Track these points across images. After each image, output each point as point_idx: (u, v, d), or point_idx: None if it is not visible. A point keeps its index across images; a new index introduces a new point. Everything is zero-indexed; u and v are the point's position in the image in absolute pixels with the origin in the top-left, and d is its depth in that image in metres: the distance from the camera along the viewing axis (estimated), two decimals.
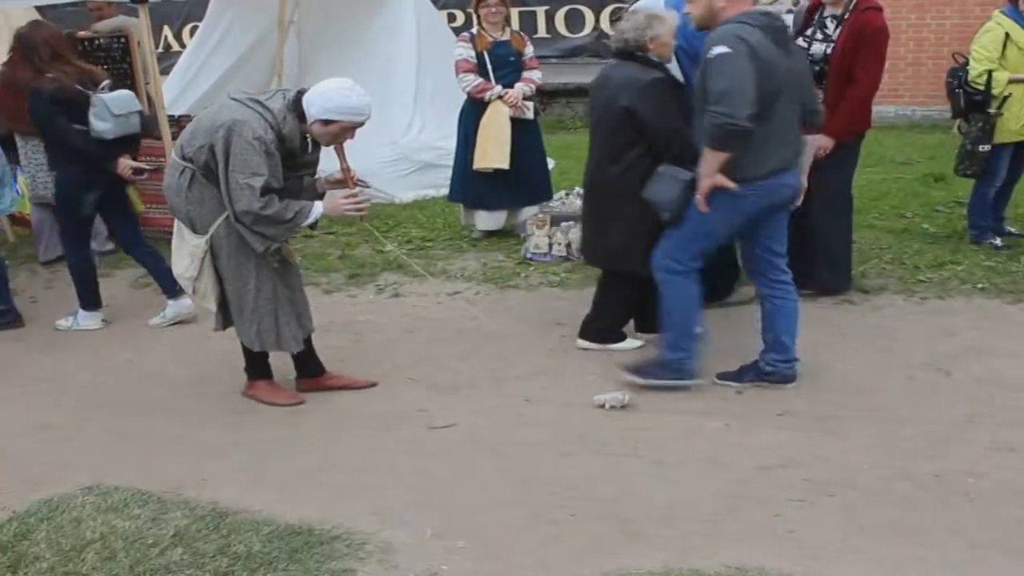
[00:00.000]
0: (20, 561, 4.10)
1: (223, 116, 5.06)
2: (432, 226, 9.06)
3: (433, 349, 6.34)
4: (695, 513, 4.29)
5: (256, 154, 4.97)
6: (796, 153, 5.27)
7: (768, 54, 4.91)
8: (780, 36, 5.04)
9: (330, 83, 5.19)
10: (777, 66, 4.95)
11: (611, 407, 5.35)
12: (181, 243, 5.40)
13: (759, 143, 4.96)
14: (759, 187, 5.11)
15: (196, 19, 13.91)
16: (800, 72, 5.24)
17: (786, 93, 5.04)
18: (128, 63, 9.26)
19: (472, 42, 8.30)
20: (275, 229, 5.14)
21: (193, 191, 5.23)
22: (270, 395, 5.66)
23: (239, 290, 5.36)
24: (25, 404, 5.83)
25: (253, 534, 4.22)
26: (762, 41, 4.91)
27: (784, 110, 5.07)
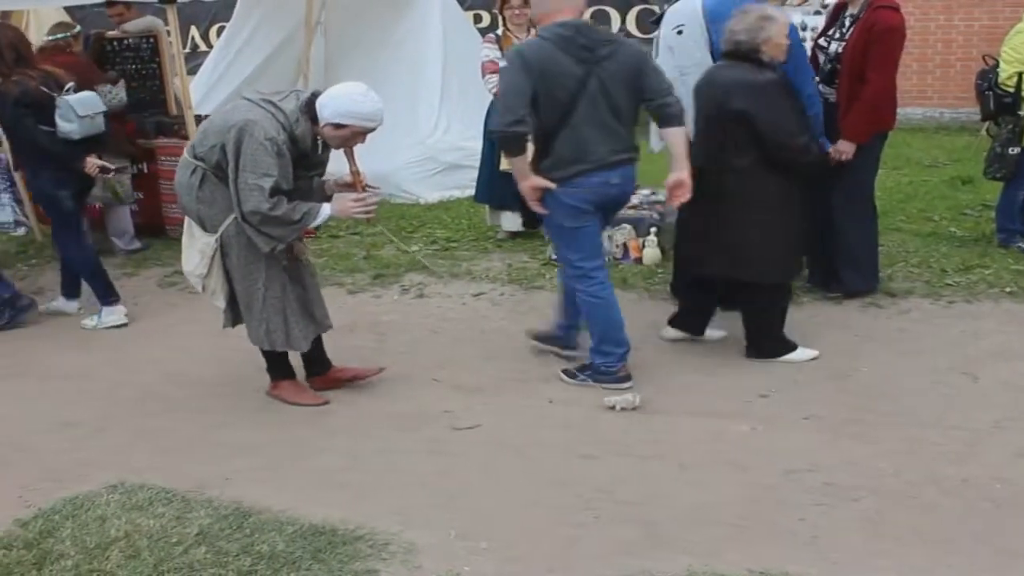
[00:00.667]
0: (45, 558, 4.11)
1: (236, 116, 5.10)
2: (457, 227, 9.07)
3: (457, 350, 6.34)
4: (719, 516, 4.27)
5: (267, 155, 4.99)
6: (614, 152, 5.39)
7: (554, 64, 5.20)
8: (572, 45, 5.24)
9: (344, 87, 5.22)
10: (566, 74, 5.22)
11: (621, 408, 5.35)
12: (191, 241, 5.44)
13: (567, 145, 5.30)
14: (576, 184, 5.33)
15: (223, 19, 13.96)
16: (611, 73, 5.30)
17: (588, 97, 5.26)
18: (156, 63, 9.33)
19: (498, 43, 8.28)
20: (282, 230, 5.16)
21: (204, 190, 5.26)
22: (295, 395, 5.66)
23: (248, 289, 5.38)
24: (51, 401, 5.86)
25: (276, 533, 4.23)
26: (550, 54, 5.22)
27: (590, 112, 5.28)
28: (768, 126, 5.50)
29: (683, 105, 5.46)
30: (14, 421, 5.60)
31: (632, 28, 15.25)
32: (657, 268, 7.50)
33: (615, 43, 5.42)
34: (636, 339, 6.25)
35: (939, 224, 8.50)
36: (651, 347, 6.18)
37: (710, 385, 5.65)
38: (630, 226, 7.79)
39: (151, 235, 9.00)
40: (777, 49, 5.63)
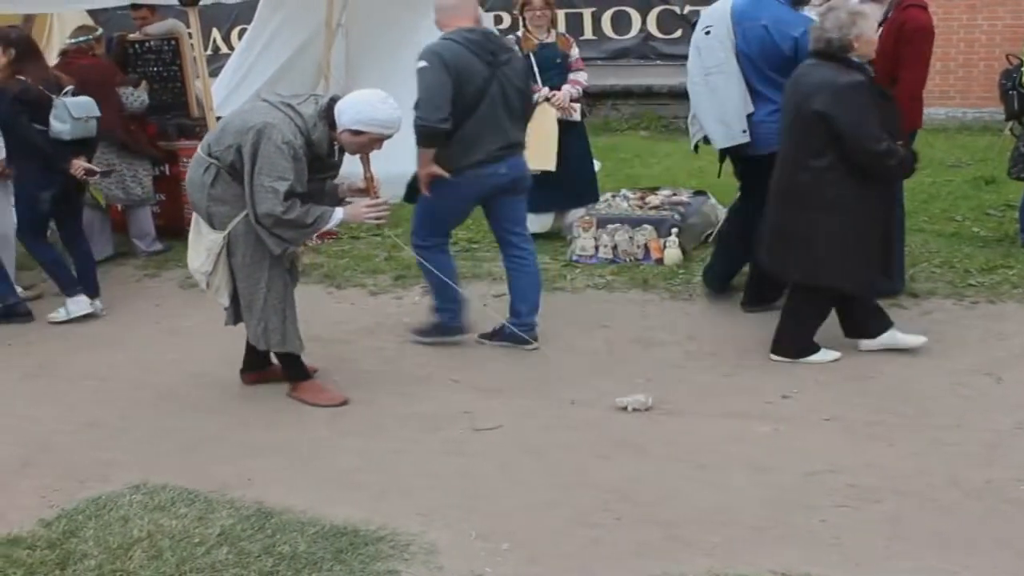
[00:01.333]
0: (68, 558, 4.14)
1: (254, 118, 5.15)
2: (478, 228, 9.02)
3: (477, 351, 6.34)
4: (740, 518, 4.26)
5: (284, 158, 5.04)
6: (508, 145, 5.96)
7: (467, 65, 5.77)
8: (481, 49, 5.84)
9: (363, 94, 5.30)
10: (476, 74, 5.80)
11: (633, 409, 5.35)
12: (198, 238, 5.51)
13: (466, 138, 5.85)
14: (468, 175, 5.92)
15: (245, 21, 14.00)
16: (509, 77, 5.97)
17: (490, 97, 5.85)
18: (178, 65, 9.37)
19: (518, 44, 8.29)
20: (294, 233, 5.24)
21: (216, 187, 5.32)
22: (315, 396, 5.68)
23: (251, 288, 5.44)
24: (73, 402, 5.89)
25: (298, 534, 4.25)
26: (461, 54, 5.78)
27: (489, 111, 5.87)
28: (848, 128, 5.39)
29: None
30: (38, 421, 5.63)
31: (653, 29, 15.24)
32: (678, 268, 7.49)
33: (511, 51, 6.21)
34: (658, 340, 6.28)
35: (962, 224, 8.46)
36: (672, 348, 6.17)
37: (731, 386, 5.64)
38: (651, 227, 7.78)
39: (172, 237, 9.01)
40: (869, 46, 5.54)
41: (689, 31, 14.92)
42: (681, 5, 15.01)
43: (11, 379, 6.30)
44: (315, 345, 6.45)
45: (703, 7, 14.73)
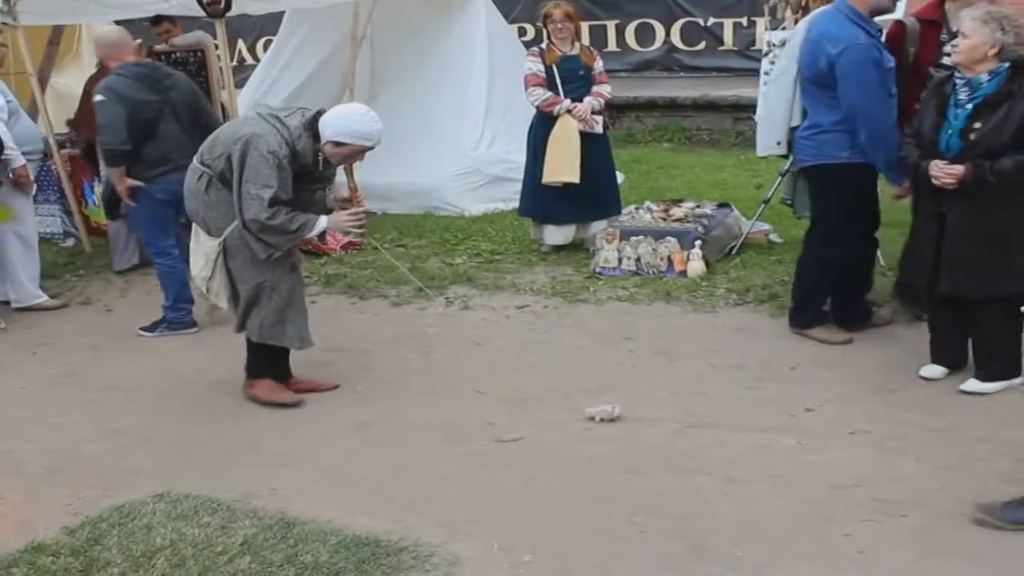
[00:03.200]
0: (92, 566, 4.16)
1: (244, 129, 5.40)
2: (501, 239, 9.07)
3: (502, 362, 6.34)
4: (765, 531, 4.24)
5: (268, 167, 5.25)
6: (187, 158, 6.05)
7: (138, 95, 6.82)
8: (148, 79, 6.94)
9: (346, 107, 5.61)
10: (148, 102, 6.85)
11: (600, 419, 5.37)
12: (198, 245, 5.70)
13: (150, 154, 6.90)
14: (159, 182, 6.90)
15: (270, 33, 14.06)
16: (176, 98, 7.03)
17: (164, 121, 6.92)
18: (204, 76, 9.40)
19: (541, 56, 8.31)
20: (279, 238, 5.43)
21: (210, 195, 5.51)
22: (271, 394, 5.81)
23: (255, 288, 5.60)
24: (99, 410, 5.91)
25: (320, 544, 4.25)
26: (131, 86, 6.82)
27: (166, 132, 6.92)
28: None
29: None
30: (64, 429, 5.66)
31: (676, 41, 15.24)
32: (701, 281, 7.46)
33: (173, 75, 7.20)
34: (681, 353, 6.26)
35: None
36: (695, 361, 6.15)
37: (755, 399, 5.61)
38: (675, 239, 7.76)
39: None
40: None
41: (713, 43, 15.04)
42: (705, 17, 15.02)
43: (38, 387, 6.34)
44: (338, 355, 6.49)
45: (726, 19, 14.88)
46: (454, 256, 8.57)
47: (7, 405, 6.04)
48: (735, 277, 7.51)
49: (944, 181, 5.32)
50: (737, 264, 7.82)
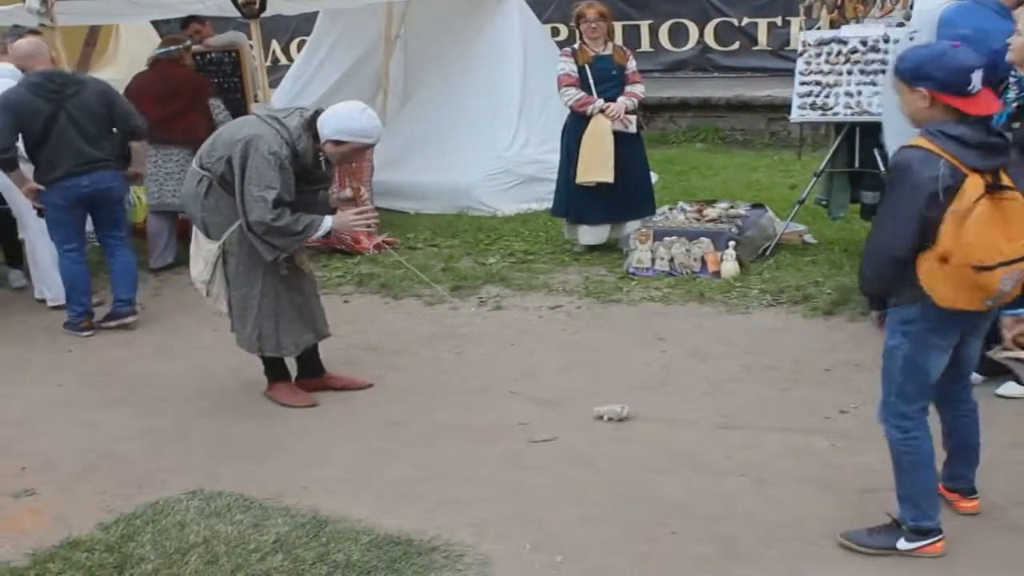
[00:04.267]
0: (126, 562, 4.19)
1: (243, 131, 5.38)
2: (534, 239, 9.06)
3: (534, 362, 6.34)
4: (798, 534, 4.21)
5: (271, 168, 5.23)
6: (83, 163, 7.05)
7: (26, 103, 6.97)
8: (41, 89, 7.01)
9: (343, 106, 5.51)
10: (40, 111, 6.97)
11: (608, 419, 5.38)
12: (197, 248, 5.71)
13: (45, 160, 7.07)
14: (56, 186, 7.08)
15: (304, 33, 14.13)
16: (77, 107, 7.07)
17: (58, 125, 6.99)
18: (239, 76, 9.47)
19: (574, 56, 8.30)
20: (285, 240, 5.40)
21: (209, 199, 5.51)
22: (287, 397, 5.85)
23: (244, 296, 5.62)
24: (134, 408, 5.95)
25: (352, 543, 4.26)
26: (25, 96, 6.99)
27: (59, 136, 7.00)
28: None
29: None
30: (99, 427, 5.70)
31: (710, 41, 15.18)
32: (735, 282, 7.43)
33: (81, 84, 7.24)
34: (715, 354, 6.23)
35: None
36: (729, 362, 6.12)
37: (788, 400, 5.58)
38: (708, 239, 7.74)
39: None
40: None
41: (747, 43, 14.97)
42: (739, 17, 14.95)
43: (73, 385, 6.39)
44: (372, 355, 6.50)
45: (760, 19, 14.81)
46: (487, 256, 8.57)
47: (43, 403, 6.10)
48: (769, 278, 7.47)
49: None
50: (771, 265, 7.78)
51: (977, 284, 3.64)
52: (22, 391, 6.26)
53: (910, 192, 3.64)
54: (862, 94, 7.73)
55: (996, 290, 3.61)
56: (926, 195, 3.62)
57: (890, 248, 3.74)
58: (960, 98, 3.70)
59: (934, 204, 3.62)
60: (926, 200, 3.62)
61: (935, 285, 3.70)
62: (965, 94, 3.70)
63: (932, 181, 3.61)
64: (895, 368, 3.96)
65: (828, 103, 7.85)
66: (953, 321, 3.83)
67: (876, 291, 4.00)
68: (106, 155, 7.24)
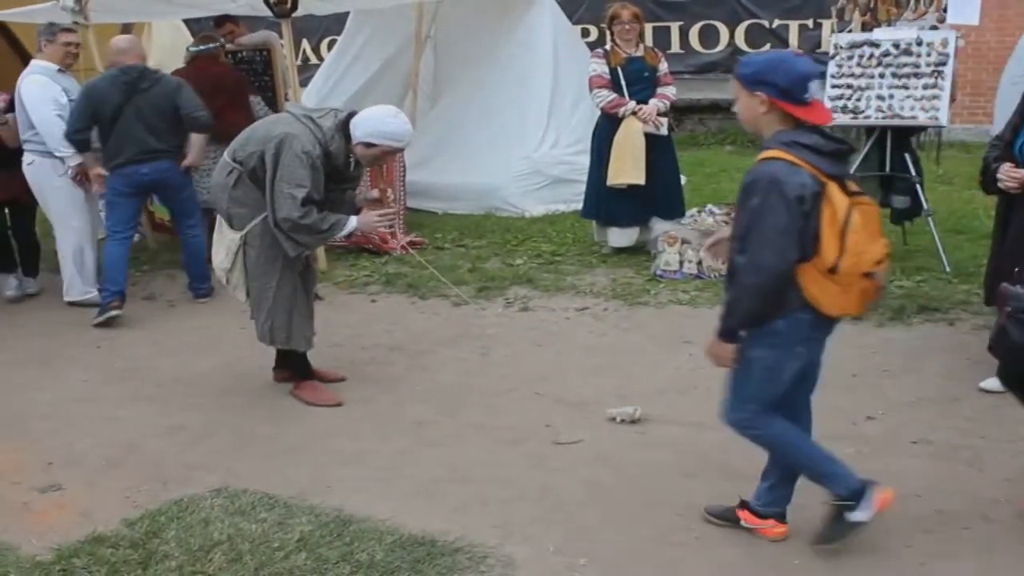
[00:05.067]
0: (150, 558, 4.20)
1: (278, 128, 5.48)
2: (562, 241, 9.06)
3: (560, 364, 6.32)
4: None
5: (302, 167, 5.32)
6: (144, 152, 7.51)
7: (105, 94, 7.47)
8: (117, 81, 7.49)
9: (377, 109, 5.60)
10: (110, 101, 7.42)
11: (621, 420, 5.40)
12: (220, 237, 5.81)
13: (112, 146, 7.53)
14: (119, 172, 7.56)
15: (334, 33, 14.16)
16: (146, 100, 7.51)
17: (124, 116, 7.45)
18: (270, 75, 9.50)
19: (606, 58, 8.29)
20: (310, 237, 5.52)
21: (237, 190, 5.60)
22: (312, 396, 5.91)
23: (261, 287, 5.71)
24: (161, 405, 5.98)
25: (376, 543, 4.26)
26: (101, 86, 7.54)
27: (124, 126, 7.46)
28: None
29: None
30: (126, 423, 5.72)
31: (741, 43, 15.12)
32: None
33: (155, 80, 7.62)
34: None
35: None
36: None
37: (815, 406, 5.50)
38: None
39: None
40: None
41: (778, 45, 14.90)
42: (770, 19, 14.89)
43: (101, 381, 6.42)
44: (398, 355, 6.51)
45: (792, 21, 14.73)
46: (514, 257, 8.57)
47: (70, 398, 6.13)
48: None
49: (1007, 184, 5.23)
50: None
51: (865, 289, 3.78)
52: (49, 386, 6.30)
53: (783, 205, 3.67)
54: (894, 97, 7.69)
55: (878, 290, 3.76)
56: (798, 206, 3.66)
57: (776, 266, 3.73)
58: (797, 106, 3.76)
59: (806, 214, 3.68)
60: (799, 211, 3.66)
61: (824, 296, 3.78)
62: (801, 102, 3.75)
63: (801, 189, 3.66)
64: (752, 376, 3.99)
65: (859, 106, 7.82)
66: (823, 330, 3.94)
67: (755, 318, 3.90)
68: (167, 147, 7.67)
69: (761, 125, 3.87)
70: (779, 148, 3.74)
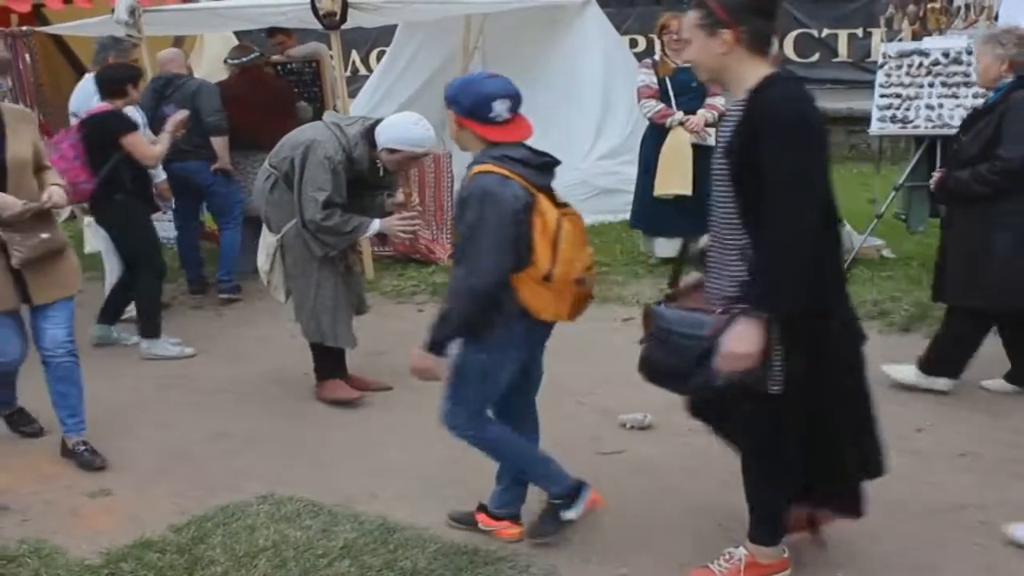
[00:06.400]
0: (196, 564, 4.25)
1: (305, 135, 5.73)
2: (609, 251, 9.05)
3: (605, 374, 6.31)
4: (866, 551, 4.16)
5: (324, 172, 5.56)
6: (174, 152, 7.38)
7: (144, 100, 7.56)
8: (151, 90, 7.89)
9: (399, 116, 5.82)
10: (147, 107, 7.69)
11: (631, 427, 5.47)
12: (263, 240, 6.03)
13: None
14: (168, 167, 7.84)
15: (383, 44, 14.25)
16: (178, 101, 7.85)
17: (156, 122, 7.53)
18: (319, 86, 9.57)
19: (654, 68, 8.28)
20: (335, 238, 5.76)
21: (273, 194, 5.83)
22: (332, 392, 6.12)
23: (302, 287, 5.93)
24: (208, 412, 6.05)
25: (419, 551, 4.28)
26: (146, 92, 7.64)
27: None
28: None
29: None
30: (175, 430, 5.80)
31: (790, 52, 15.05)
32: None
33: (179, 85, 8.06)
34: None
35: None
36: None
37: None
38: None
39: None
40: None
41: (827, 54, 14.82)
42: (819, 28, 14.81)
43: (150, 389, 6.50)
44: None
45: (841, 30, 14.65)
46: None
47: (120, 405, 6.21)
48: None
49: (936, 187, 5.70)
50: (848, 280, 7.66)
51: (576, 296, 4.07)
52: (100, 394, 6.34)
53: (499, 216, 3.84)
54: (943, 107, 7.63)
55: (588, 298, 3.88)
56: (512, 217, 3.82)
57: (493, 276, 3.89)
58: (482, 125, 3.97)
59: (519, 224, 3.85)
60: (513, 222, 3.82)
61: (539, 303, 3.99)
62: (487, 121, 3.96)
63: (515, 200, 3.84)
64: (468, 381, 4.12)
65: (908, 116, 7.77)
66: (538, 335, 4.18)
67: (470, 327, 4.03)
68: (191, 146, 7.94)
69: (462, 142, 4.14)
70: (490, 162, 3.93)
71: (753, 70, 3.53)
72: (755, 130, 3.42)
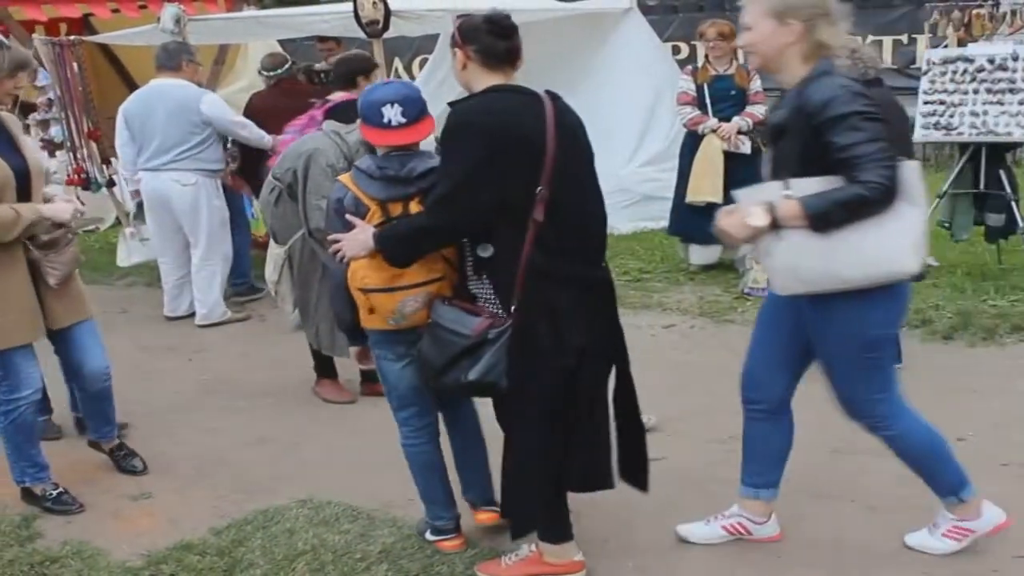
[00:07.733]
0: (236, 566, 4.29)
1: (307, 145, 5.72)
2: (650, 258, 9.04)
3: (644, 381, 6.24)
4: (910, 565, 4.13)
5: (327, 180, 5.48)
6: None
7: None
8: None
9: None
10: None
11: None
12: (271, 252, 6.07)
13: None
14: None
15: (426, 52, 14.31)
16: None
17: None
18: None
19: (693, 75, 8.28)
20: None
21: (279, 206, 5.85)
22: (328, 393, 6.35)
23: (304, 296, 6.00)
24: (249, 417, 6.09)
25: (456, 556, 4.29)
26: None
27: None
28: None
29: None
30: (215, 435, 5.85)
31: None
32: None
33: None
34: None
35: None
36: None
37: None
38: None
39: None
40: None
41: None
42: (864, 35, 14.69)
43: (191, 393, 6.57)
44: None
45: (886, 36, 14.54)
46: None
47: (162, 409, 6.27)
48: None
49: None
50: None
51: (371, 305, 3.99)
52: (142, 397, 6.43)
53: (337, 224, 4.05)
54: (988, 114, 7.57)
55: (394, 311, 3.94)
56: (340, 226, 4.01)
57: (335, 276, 4.12)
58: (374, 129, 4.09)
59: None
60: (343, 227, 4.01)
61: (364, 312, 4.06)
62: (380, 126, 4.08)
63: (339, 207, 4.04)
64: (383, 380, 4.30)
65: (952, 123, 7.71)
66: (393, 339, 4.11)
67: (345, 323, 4.20)
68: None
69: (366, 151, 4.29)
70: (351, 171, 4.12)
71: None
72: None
